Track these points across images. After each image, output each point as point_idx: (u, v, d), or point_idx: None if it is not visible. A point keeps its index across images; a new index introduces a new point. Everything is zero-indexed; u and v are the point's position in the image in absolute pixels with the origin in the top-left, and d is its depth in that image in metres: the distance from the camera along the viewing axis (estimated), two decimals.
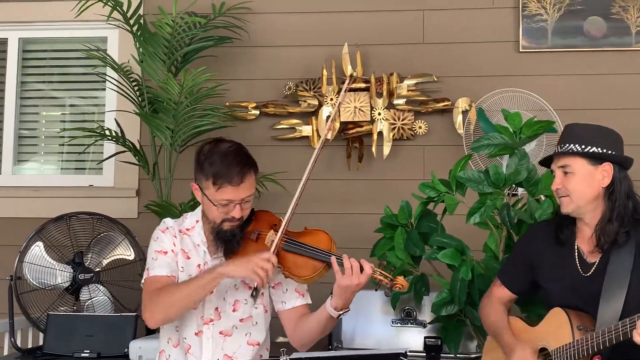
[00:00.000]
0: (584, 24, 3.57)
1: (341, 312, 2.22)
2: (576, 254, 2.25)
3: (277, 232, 2.26)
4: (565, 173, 2.22)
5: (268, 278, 2.16)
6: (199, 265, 2.35)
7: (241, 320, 2.34)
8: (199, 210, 2.41)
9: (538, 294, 2.40)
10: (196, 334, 2.33)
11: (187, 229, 2.40)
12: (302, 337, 2.34)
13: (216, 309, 2.33)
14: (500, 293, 2.44)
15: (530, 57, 3.59)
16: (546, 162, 2.36)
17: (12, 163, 3.95)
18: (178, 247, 2.36)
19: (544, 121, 2.80)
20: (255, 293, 2.20)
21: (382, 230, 2.95)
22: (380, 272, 2.19)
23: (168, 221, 2.42)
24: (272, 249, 2.22)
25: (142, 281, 2.34)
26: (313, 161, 2.34)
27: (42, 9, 3.88)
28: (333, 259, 2.18)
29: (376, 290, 2.25)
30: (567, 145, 2.21)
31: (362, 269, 2.16)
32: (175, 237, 2.37)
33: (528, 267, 2.36)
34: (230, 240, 2.29)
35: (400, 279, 2.20)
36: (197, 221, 2.40)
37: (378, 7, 3.70)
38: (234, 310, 2.34)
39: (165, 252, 2.33)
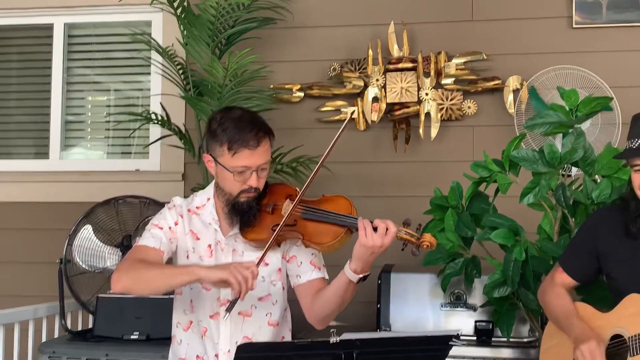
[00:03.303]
0: None
1: (361, 276, 2.08)
2: None
3: (294, 201, 2.15)
4: None
5: (247, 289, 1.99)
6: (209, 246, 2.25)
7: (260, 299, 2.24)
8: (209, 187, 2.32)
9: (601, 278, 2.32)
10: (212, 316, 2.23)
11: (197, 207, 2.28)
12: (320, 311, 2.21)
13: (227, 283, 2.16)
14: (562, 280, 2.35)
15: (584, 33, 3.48)
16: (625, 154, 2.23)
17: (60, 148, 4.01)
18: (185, 228, 2.26)
19: (602, 98, 2.72)
20: (231, 305, 2.04)
21: (431, 212, 2.89)
22: (406, 231, 2.04)
23: (176, 199, 2.32)
24: (286, 216, 2.12)
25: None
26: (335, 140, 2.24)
27: None
28: (359, 220, 2.04)
29: (402, 249, 2.09)
30: None
31: (386, 229, 2.03)
32: (182, 216, 2.26)
33: (593, 256, 2.27)
34: (246, 213, 2.18)
35: (428, 236, 2.04)
36: (209, 199, 2.28)
37: None
38: (251, 289, 2.17)
39: (161, 228, 2.24)
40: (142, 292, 2.18)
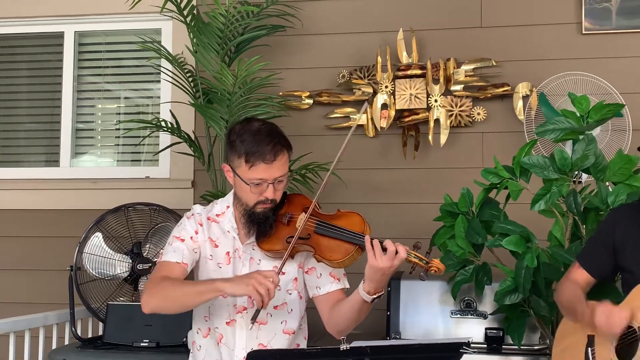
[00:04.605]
0: None
1: (375, 297, 2.13)
2: None
3: (310, 215, 2.19)
4: None
5: (269, 299, 2.05)
6: (227, 253, 2.30)
7: (275, 307, 2.27)
8: (229, 195, 2.36)
9: (618, 281, 2.31)
10: (228, 323, 2.27)
11: (217, 215, 2.33)
12: (338, 324, 2.26)
13: (249, 296, 2.22)
14: (578, 276, 2.34)
15: (593, 39, 3.47)
16: None
17: (70, 156, 4.02)
18: (205, 236, 2.30)
19: (613, 104, 2.71)
20: (255, 315, 2.10)
21: (441, 219, 2.89)
22: (415, 255, 2.08)
23: (196, 208, 2.37)
24: (298, 231, 2.16)
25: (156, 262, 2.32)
26: (344, 147, 2.23)
27: (97, 2, 3.93)
28: (367, 240, 2.09)
29: (410, 272, 2.14)
30: None
31: (396, 252, 2.06)
32: (201, 224, 2.31)
33: (611, 250, 2.28)
34: (262, 223, 2.23)
35: (436, 262, 2.09)
36: (228, 207, 2.33)
37: None
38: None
39: (183, 240, 2.28)
40: (171, 311, 2.23)
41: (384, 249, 2.07)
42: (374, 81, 3.59)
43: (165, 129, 3.48)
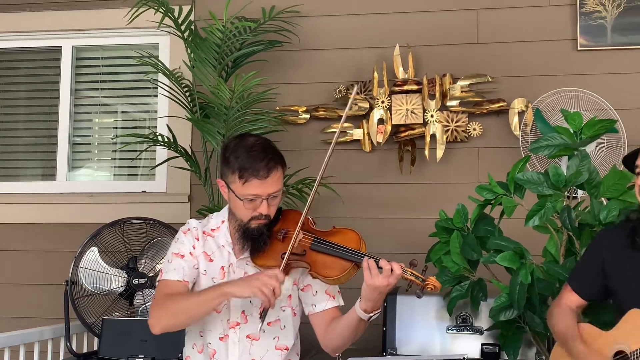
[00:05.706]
0: None
1: (372, 315, 2.14)
2: None
3: (305, 231, 2.21)
4: None
5: (276, 297, 2.09)
6: (222, 267, 2.30)
7: (269, 323, 2.28)
8: (224, 210, 2.37)
9: (608, 300, 2.31)
10: (221, 338, 2.28)
11: (212, 230, 2.34)
12: (334, 341, 2.27)
13: (242, 312, 2.27)
14: (569, 299, 2.35)
15: (588, 55, 3.49)
16: (629, 161, 2.26)
17: (67, 170, 4.02)
18: (200, 250, 2.31)
19: (606, 120, 2.72)
20: (263, 314, 2.13)
21: (437, 235, 2.89)
22: (411, 272, 2.09)
23: (192, 222, 2.37)
24: (290, 246, 2.16)
25: (157, 281, 2.33)
26: (327, 158, 2.26)
27: (95, 17, 3.95)
28: (365, 260, 2.09)
29: (407, 290, 2.17)
30: None
31: (391, 270, 2.07)
32: (198, 239, 2.32)
33: (599, 271, 2.28)
34: (257, 239, 2.23)
35: (432, 280, 2.09)
36: (223, 221, 2.34)
37: (430, 8, 3.65)
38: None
39: (182, 256, 2.29)
40: (181, 325, 2.25)
41: (379, 268, 2.08)
42: (371, 96, 3.60)
43: (162, 143, 3.48)
